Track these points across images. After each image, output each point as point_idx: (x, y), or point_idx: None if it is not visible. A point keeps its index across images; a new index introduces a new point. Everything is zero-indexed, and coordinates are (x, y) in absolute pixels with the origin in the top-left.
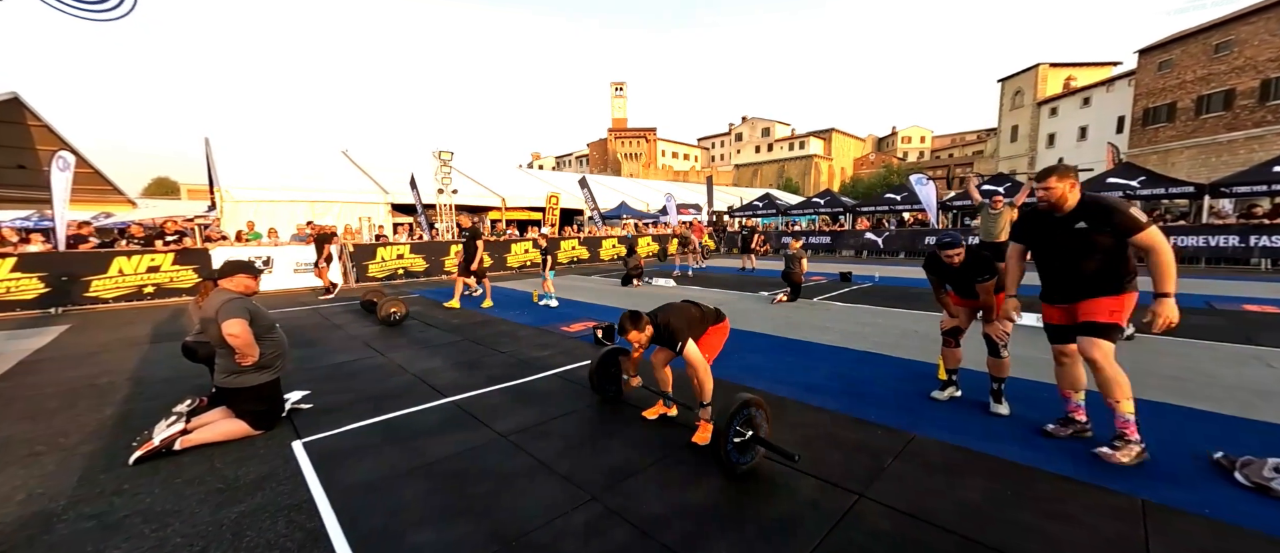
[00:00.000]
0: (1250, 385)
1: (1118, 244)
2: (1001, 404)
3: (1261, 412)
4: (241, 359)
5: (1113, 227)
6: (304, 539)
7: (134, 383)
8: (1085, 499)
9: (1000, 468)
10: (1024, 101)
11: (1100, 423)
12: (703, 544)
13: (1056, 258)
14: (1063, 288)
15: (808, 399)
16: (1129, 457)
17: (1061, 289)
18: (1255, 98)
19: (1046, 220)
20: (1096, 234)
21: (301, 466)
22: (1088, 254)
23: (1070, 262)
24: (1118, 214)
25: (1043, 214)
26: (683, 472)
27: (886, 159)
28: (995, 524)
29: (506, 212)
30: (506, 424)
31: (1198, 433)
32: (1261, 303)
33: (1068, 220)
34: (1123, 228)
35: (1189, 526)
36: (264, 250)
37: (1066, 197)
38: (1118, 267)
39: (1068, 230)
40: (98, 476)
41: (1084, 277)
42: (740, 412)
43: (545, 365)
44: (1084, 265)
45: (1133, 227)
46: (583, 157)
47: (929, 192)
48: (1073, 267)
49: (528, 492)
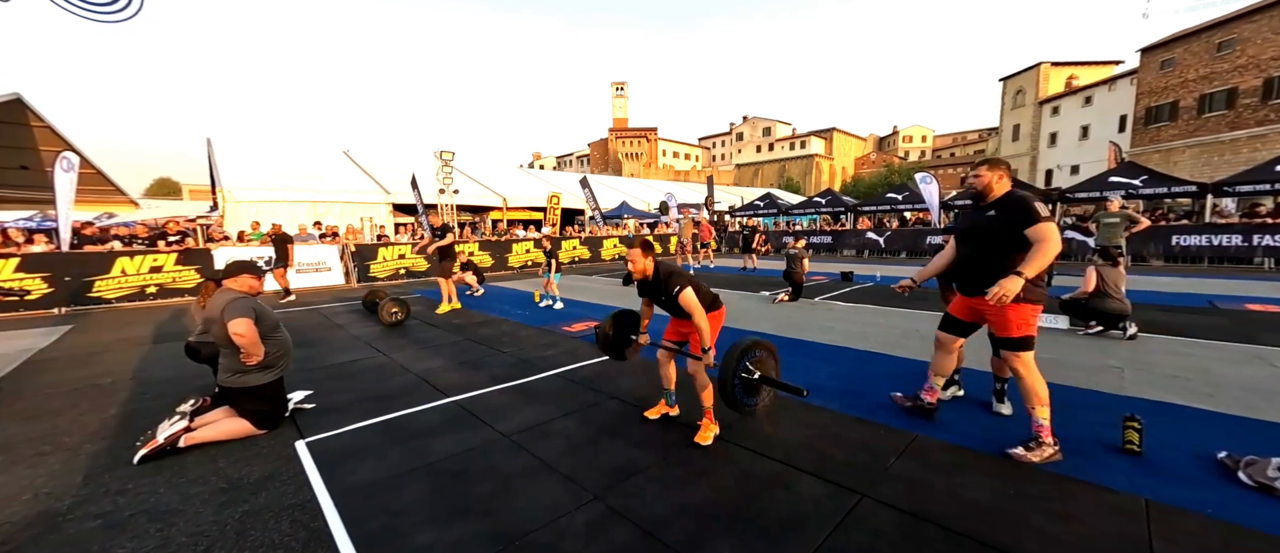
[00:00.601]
0: (1253, 385)
1: (1019, 240)
2: (1004, 404)
3: (1265, 412)
4: (246, 359)
5: (1020, 217)
6: (308, 539)
7: (137, 383)
8: (1088, 499)
9: (1003, 467)
10: (1025, 101)
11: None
12: (705, 544)
13: (968, 246)
14: (969, 278)
15: (810, 399)
16: (1040, 457)
17: (967, 280)
18: (1258, 96)
19: (970, 211)
20: (1003, 226)
21: (304, 465)
22: (993, 246)
23: (978, 251)
24: (1026, 206)
25: (975, 206)
26: (685, 472)
27: (888, 158)
28: (999, 524)
29: (508, 212)
30: (509, 424)
31: (1201, 433)
32: (1265, 302)
33: (985, 210)
34: (1025, 218)
35: (1192, 525)
36: (266, 251)
37: (992, 186)
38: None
39: (982, 219)
40: (102, 475)
41: (988, 269)
42: (749, 351)
43: (547, 365)
44: (989, 257)
45: (1032, 217)
46: (583, 156)
47: (932, 190)
48: (979, 257)
49: (530, 492)
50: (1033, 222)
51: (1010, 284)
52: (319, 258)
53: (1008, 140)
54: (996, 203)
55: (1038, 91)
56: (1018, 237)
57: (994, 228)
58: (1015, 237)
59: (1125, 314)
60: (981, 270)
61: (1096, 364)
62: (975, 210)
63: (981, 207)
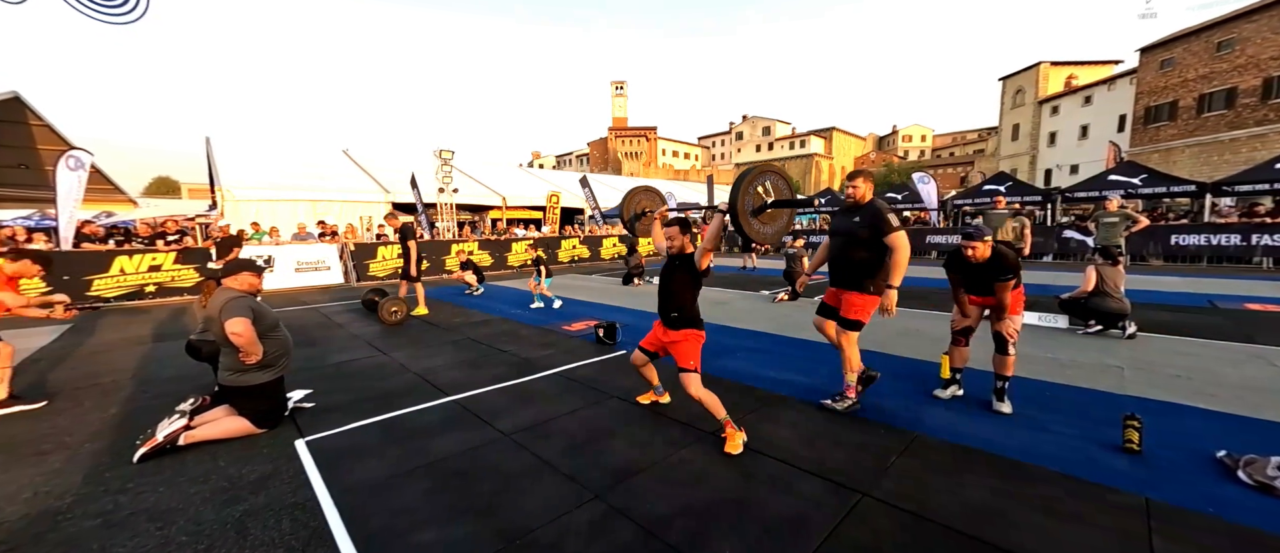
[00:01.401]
0: (1253, 384)
1: (875, 243)
2: (1004, 403)
3: (1265, 411)
4: (245, 357)
5: (877, 225)
6: (308, 538)
7: (137, 382)
8: (1089, 498)
9: (1004, 467)
10: (1025, 100)
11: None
12: (707, 543)
13: (839, 244)
14: (835, 273)
15: (811, 398)
16: (842, 406)
17: (835, 274)
18: (1257, 96)
19: (841, 214)
20: (862, 229)
21: (304, 464)
22: (854, 246)
23: (842, 250)
24: (881, 216)
25: (841, 210)
26: (686, 472)
27: (887, 158)
28: (999, 523)
29: (507, 211)
30: (509, 423)
31: (1200, 432)
32: (1264, 302)
33: (852, 214)
34: (878, 223)
35: (1192, 523)
36: (265, 249)
37: (864, 196)
38: (872, 267)
39: (849, 222)
40: (103, 474)
41: (848, 265)
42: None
43: (547, 365)
44: (850, 255)
45: (886, 227)
46: (583, 155)
47: (930, 190)
48: (843, 255)
49: (531, 491)
50: (887, 231)
51: (889, 299)
52: (318, 257)
53: (1007, 139)
54: (861, 210)
55: (1037, 91)
56: (875, 239)
57: (857, 231)
58: (873, 239)
59: (1125, 313)
60: (846, 265)
61: (1096, 363)
62: (844, 214)
63: (849, 211)
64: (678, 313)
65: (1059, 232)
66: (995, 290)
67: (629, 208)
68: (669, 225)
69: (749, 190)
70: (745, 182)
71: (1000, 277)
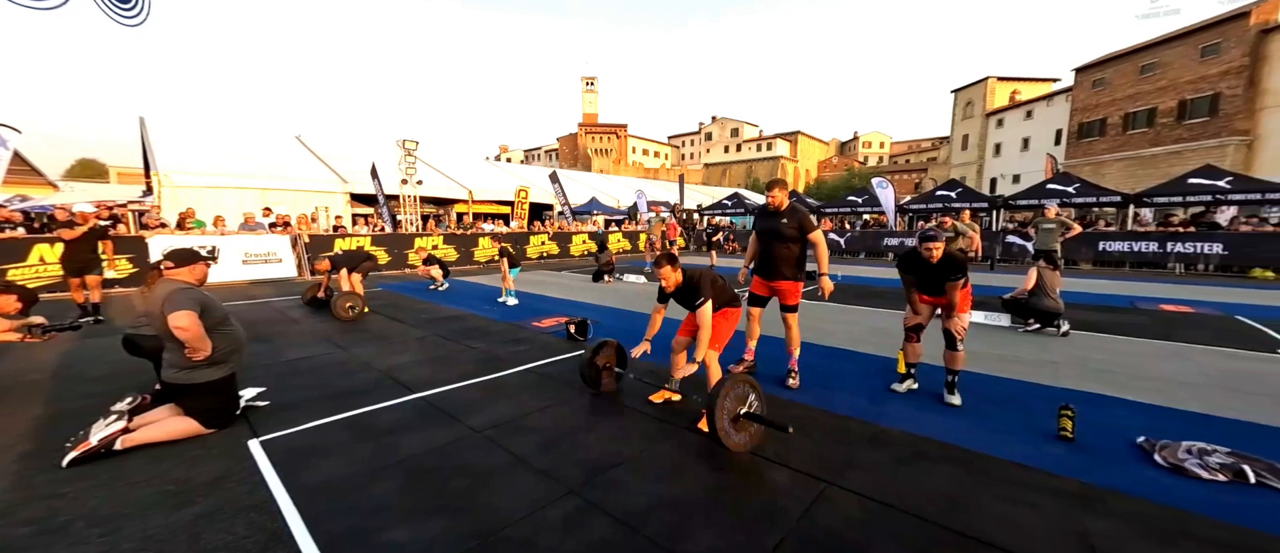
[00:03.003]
0: (1168, 377)
1: (801, 239)
2: (955, 395)
3: (1179, 401)
4: (192, 353)
5: (801, 225)
6: (266, 541)
7: (67, 380)
8: (1032, 482)
9: (957, 455)
10: (974, 112)
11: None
12: (684, 535)
13: (765, 243)
14: (767, 267)
15: (780, 393)
16: (796, 383)
17: (766, 268)
18: (1174, 116)
19: (767, 217)
20: (789, 228)
21: (260, 464)
22: (783, 242)
23: (772, 246)
24: (805, 217)
25: (765, 213)
26: (661, 466)
27: (849, 163)
28: (954, 507)
29: (474, 205)
30: (480, 420)
31: (1125, 421)
32: (1176, 303)
33: (778, 215)
34: (804, 225)
35: (1119, 503)
36: (208, 240)
37: (781, 201)
38: (800, 258)
39: (776, 223)
40: (32, 479)
41: (780, 259)
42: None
43: (518, 361)
44: (780, 250)
45: (810, 227)
46: (552, 151)
47: (888, 195)
48: (773, 251)
49: (506, 487)
50: (811, 229)
51: (825, 283)
52: (269, 249)
53: (958, 149)
54: (785, 212)
55: (985, 104)
56: (800, 236)
57: (783, 230)
58: (798, 236)
59: (1059, 313)
60: (774, 260)
61: (1035, 359)
62: (770, 216)
63: (775, 214)
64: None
65: (1002, 236)
66: (946, 290)
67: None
68: (659, 266)
69: (728, 394)
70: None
71: (951, 277)
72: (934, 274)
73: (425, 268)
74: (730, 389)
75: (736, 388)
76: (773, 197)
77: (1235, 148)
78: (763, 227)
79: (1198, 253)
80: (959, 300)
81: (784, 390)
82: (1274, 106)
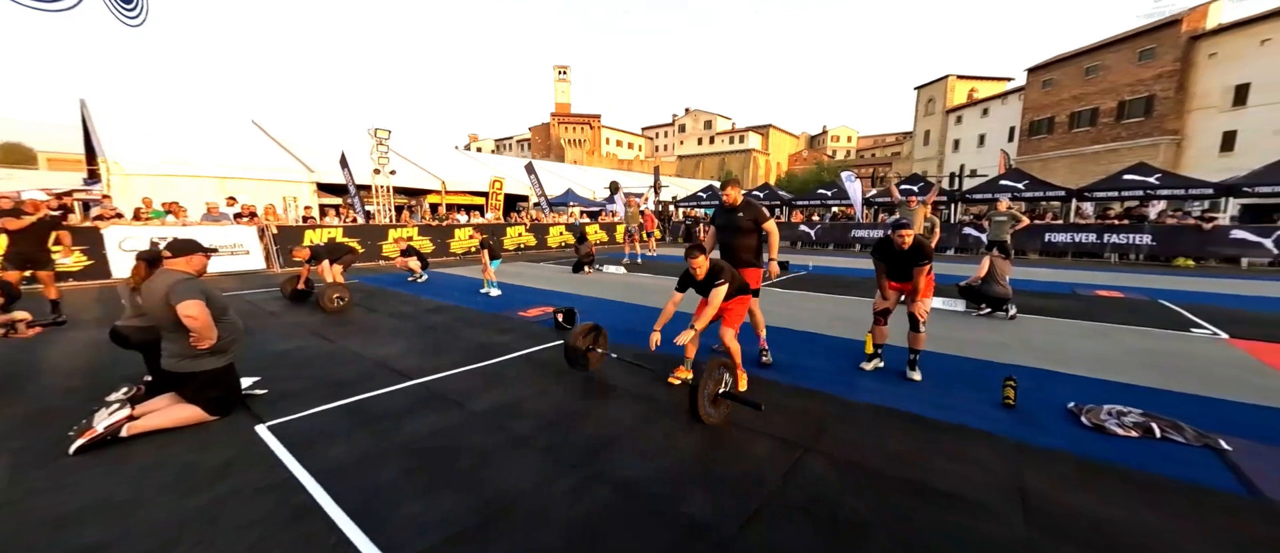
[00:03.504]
0: (1097, 354)
1: (757, 230)
2: (915, 372)
3: (1104, 373)
4: (198, 342)
5: (756, 217)
6: (293, 514)
7: (47, 374)
8: (978, 443)
9: (916, 423)
10: (935, 109)
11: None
12: (679, 498)
13: (725, 237)
14: (727, 257)
15: (759, 374)
16: (769, 361)
17: (727, 258)
18: (1114, 116)
19: (724, 213)
20: (745, 221)
21: (272, 448)
22: (741, 234)
23: (732, 239)
24: (759, 209)
25: (723, 209)
26: (653, 442)
27: (818, 156)
28: (912, 466)
29: (447, 195)
30: (479, 405)
31: (1059, 390)
32: (1110, 289)
33: (734, 211)
34: (758, 217)
35: (1050, 459)
36: (170, 231)
37: (736, 198)
38: (758, 247)
39: (733, 218)
40: (31, 471)
41: (740, 249)
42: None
43: (509, 349)
44: (739, 241)
45: (762, 217)
46: (524, 141)
47: (856, 188)
48: (733, 242)
49: (510, 464)
50: (764, 219)
51: (774, 267)
52: (235, 240)
53: (920, 144)
54: (741, 207)
55: (946, 101)
56: (756, 228)
57: (741, 223)
58: (754, 228)
59: (1008, 299)
60: (734, 250)
61: (987, 340)
62: (727, 212)
63: (731, 210)
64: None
65: (960, 228)
66: (913, 275)
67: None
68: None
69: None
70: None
71: (919, 262)
72: (904, 260)
73: (403, 260)
74: (711, 374)
75: (715, 373)
76: (727, 195)
77: (1166, 146)
78: (722, 222)
79: (1130, 244)
80: (923, 286)
81: (763, 370)
82: (1200, 109)
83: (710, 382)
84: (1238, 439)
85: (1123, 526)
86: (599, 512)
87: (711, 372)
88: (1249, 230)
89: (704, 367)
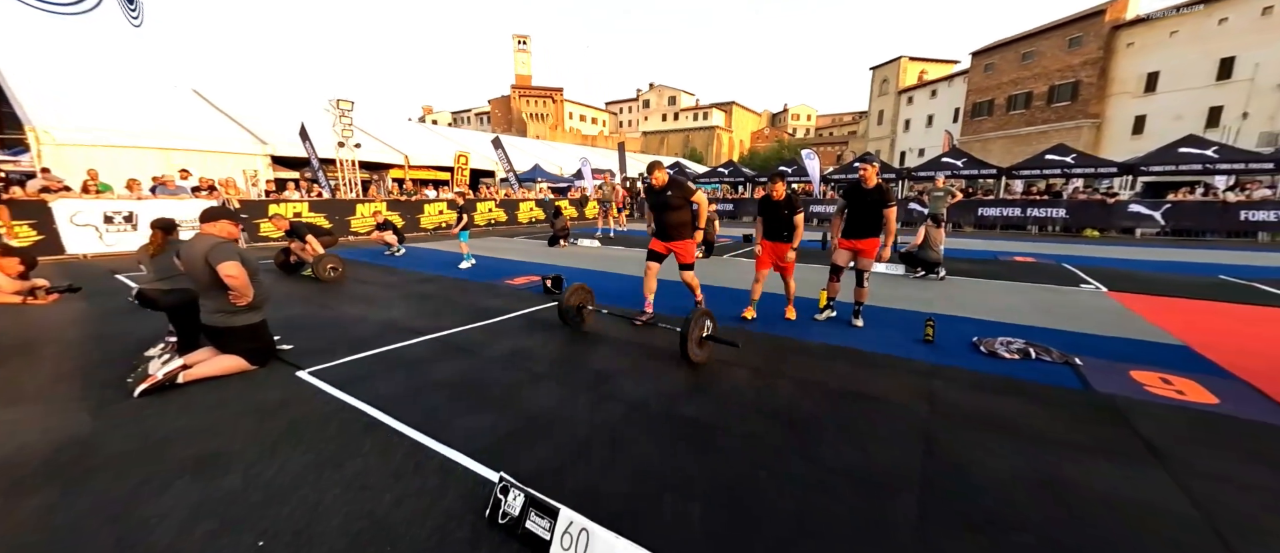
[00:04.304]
0: (1006, 305)
1: (687, 205)
2: (859, 320)
3: (1004, 318)
4: (237, 299)
5: (685, 193)
6: (364, 428)
7: (68, 339)
8: (901, 366)
9: (857, 355)
10: (889, 90)
11: (843, 312)
12: (678, 409)
13: (660, 213)
14: (664, 232)
15: (730, 322)
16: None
17: (663, 233)
18: (1045, 100)
19: (655, 194)
20: (676, 199)
21: (320, 387)
22: (673, 211)
23: (665, 215)
24: (686, 186)
25: (653, 191)
26: (652, 373)
27: (779, 134)
28: (851, 382)
29: (410, 170)
30: (493, 353)
31: (968, 330)
32: (1026, 255)
33: (663, 191)
34: (686, 192)
35: (952, 374)
36: (124, 205)
37: (662, 179)
38: (690, 220)
39: (663, 197)
40: (106, 410)
41: (673, 224)
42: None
43: (505, 311)
44: (672, 217)
45: (690, 192)
46: (483, 114)
47: (814, 165)
48: (667, 219)
49: (534, 392)
50: (692, 193)
51: (699, 235)
52: (193, 214)
53: (874, 124)
54: (669, 186)
55: (898, 82)
56: (685, 204)
57: (671, 201)
58: (683, 204)
59: (939, 263)
60: (667, 226)
61: (919, 296)
62: (658, 192)
63: (661, 191)
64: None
65: (906, 204)
66: (883, 215)
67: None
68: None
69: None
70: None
71: (886, 204)
72: (868, 200)
73: (379, 234)
74: (696, 321)
75: (700, 320)
76: (655, 178)
77: (1088, 129)
78: (655, 201)
79: (1048, 217)
80: (890, 228)
81: (742, 322)
82: (1119, 94)
83: (696, 328)
84: (1088, 357)
85: (997, 410)
86: (616, 417)
87: (697, 319)
88: (1143, 205)
89: (690, 315)
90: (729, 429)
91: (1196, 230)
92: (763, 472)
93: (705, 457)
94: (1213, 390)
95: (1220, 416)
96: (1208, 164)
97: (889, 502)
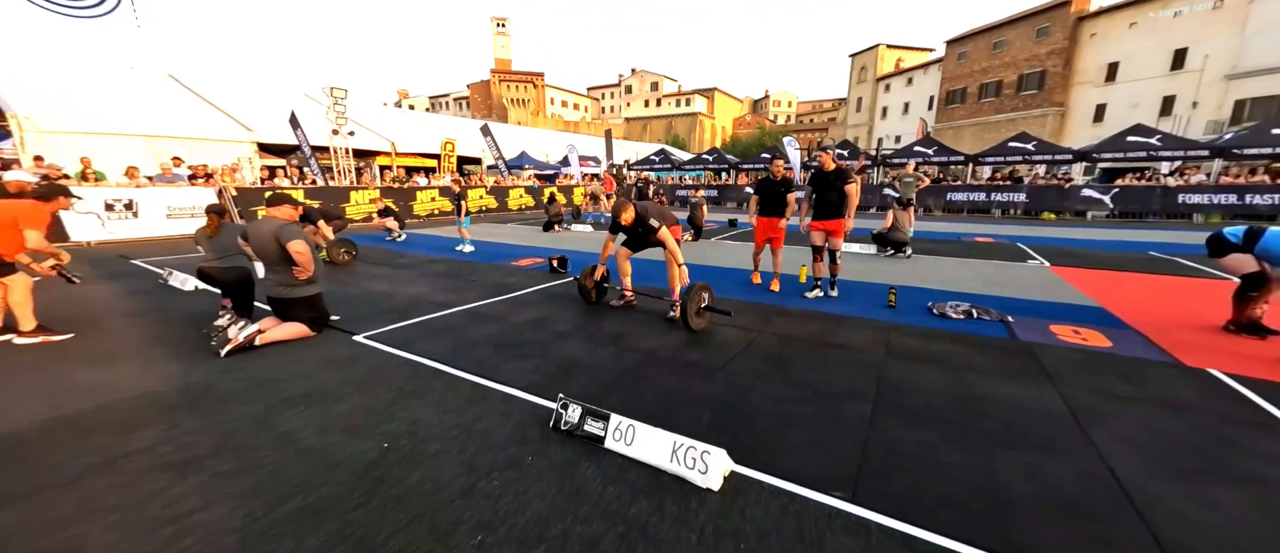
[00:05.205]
0: (961, 278)
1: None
2: (834, 290)
3: (957, 287)
4: (301, 273)
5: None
6: (431, 373)
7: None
8: (867, 326)
9: (829, 318)
10: (867, 77)
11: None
12: (682, 356)
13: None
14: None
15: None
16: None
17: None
18: (1014, 89)
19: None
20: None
21: (380, 348)
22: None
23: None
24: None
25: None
26: (658, 333)
27: (761, 120)
28: (823, 335)
29: (397, 157)
30: (519, 319)
31: (925, 297)
32: (986, 236)
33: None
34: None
35: (909, 331)
36: (124, 192)
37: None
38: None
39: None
40: (198, 365)
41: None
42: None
43: (521, 286)
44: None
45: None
46: (462, 99)
47: (795, 153)
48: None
49: (563, 347)
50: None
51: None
52: (193, 202)
53: (853, 111)
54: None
55: (876, 69)
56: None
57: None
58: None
59: (906, 243)
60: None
61: (888, 272)
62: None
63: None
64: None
65: (881, 189)
66: (846, 192)
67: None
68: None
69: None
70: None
71: (846, 181)
72: (829, 182)
73: (381, 220)
74: (695, 295)
75: (698, 293)
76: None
77: (1053, 117)
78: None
79: (1010, 201)
80: (852, 202)
81: (742, 291)
82: (1082, 83)
83: (695, 300)
84: (1019, 317)
85: (938, 352)
86: (635, 362)
87: (696, 293)
88: (1095, 189)
89: (690, 290)
90: (726, 367)
91: (1141, 212)
92: (753, 392)
93: (709, 383)
94: (1110, 338)
95: (1109, 355)
96: (1152, 152)
97: (849, 404)
